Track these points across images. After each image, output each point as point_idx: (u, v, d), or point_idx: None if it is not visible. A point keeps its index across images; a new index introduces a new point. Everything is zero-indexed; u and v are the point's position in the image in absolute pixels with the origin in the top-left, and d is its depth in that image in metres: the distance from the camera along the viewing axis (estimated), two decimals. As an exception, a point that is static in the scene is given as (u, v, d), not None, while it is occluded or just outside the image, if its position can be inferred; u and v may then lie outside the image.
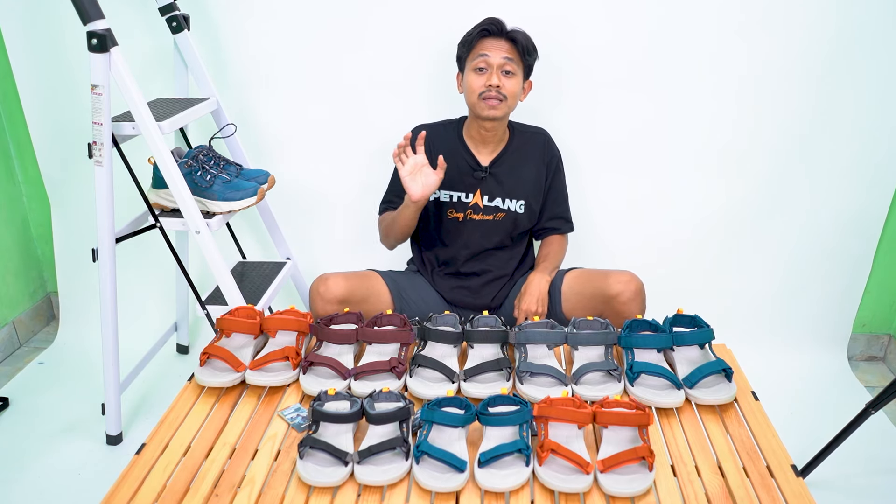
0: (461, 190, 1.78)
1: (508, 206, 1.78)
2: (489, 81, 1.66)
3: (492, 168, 1.78)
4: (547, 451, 1.16)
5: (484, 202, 1.78)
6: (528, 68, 1.73)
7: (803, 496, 1.11)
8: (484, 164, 1.78)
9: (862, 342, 2.36)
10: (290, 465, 1.20)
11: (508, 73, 1.68)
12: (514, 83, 1.69)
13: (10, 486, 1.77)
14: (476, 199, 1.78)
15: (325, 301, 1.69)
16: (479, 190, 1.78)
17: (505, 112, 1.70)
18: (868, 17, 1.91)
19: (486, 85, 1.67)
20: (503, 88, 1.67)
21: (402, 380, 1.40)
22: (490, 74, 1.67)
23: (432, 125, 1.83)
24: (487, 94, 1.67)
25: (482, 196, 1.78)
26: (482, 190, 1.78)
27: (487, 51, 1.67)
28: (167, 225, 1.77)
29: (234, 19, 2.05)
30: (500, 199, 1.78)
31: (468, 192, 1.78)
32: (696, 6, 1.94)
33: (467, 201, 1.78)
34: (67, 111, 2.17)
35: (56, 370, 2.27)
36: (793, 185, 2.13)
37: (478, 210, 1.79)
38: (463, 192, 1.78)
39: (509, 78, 1.68)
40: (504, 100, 1.68)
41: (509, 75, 1.68)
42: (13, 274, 2.41)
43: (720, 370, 1.37)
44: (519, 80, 1.70)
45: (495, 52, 1.66)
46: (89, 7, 1.52)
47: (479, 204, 1.78)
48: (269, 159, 2.20)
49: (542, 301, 1.73)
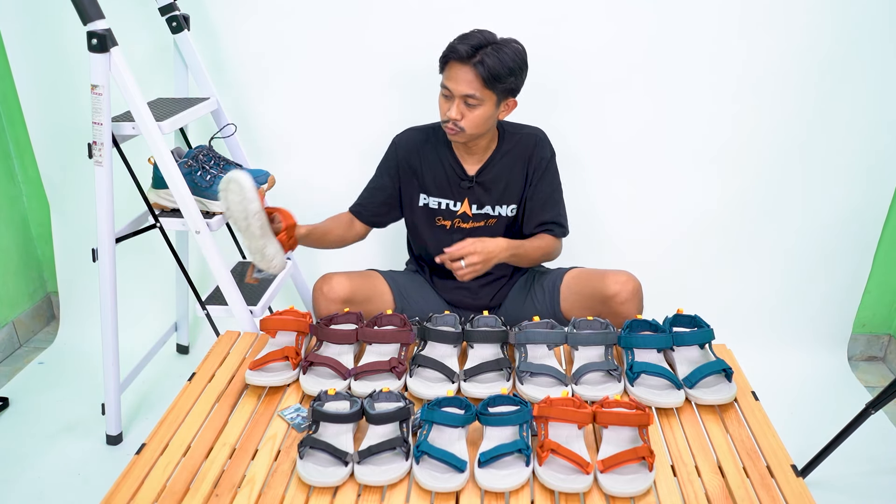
0: (449, 198, 1.76)
1: (499, 213, 1.76)
2: (449, 112, 1.59)
3: (478, 177, 1.73)
4: (547, 451, 1.16)
5: (473, 211, 1.76)
6: (505, 91, 1.59)
7: (803, 496, 1.11)
8: (470, 173, 1.73)
9: (862, 342, 2.36)
10: (290, 465, 1.20)
11: (471, 105, 1.58)
12: (477, 114, 1.58)
13: (10, 486, 1.78)
14: (464, 209, 1.76)
15: (328, 301, 1.69)
16: (466, 199, 1.75)
17: (467, 138, 1.64)
18: (867, 17, 1.92)
19: (447, 115, 1.60)
20: (462, 121, 1.59)
21: (402, 380, 1.40)
22: (452, 103, 1.59)
23: (421, 129, 1.79)
24: (446, 123, 1.62)
25: (470, 205, 1.75)
26: (470, 199, 1.75)
27: (451, 79, 1.57)
28: (167, 225, 1.77)
29: (234, 19, 2.05)
30: (489, 207, 1.75)
31: (456, 200, 1.76)
32: (696, 7, 1.95)
33: (455, 210, 1.76)
34: (67, 111, 2.17)
35: (56, 370, 2.27)
36: (793, 185, 2.13)
37: (467, 219, 1.76)
38: (451, 199, 1.76)
39: (472, 109, 1.58)
40: (462, 131, 1.61)
41: (472, 107, 1.58)
42: (13, 274, 2.41)
43: (720, 370, 1.37)
44: (486, 107, 1.58)
45: (458, 83, 1.56)
46: (89, 7, 1.52)
47: (468, 213, 1.76)
48: (269, 159, 2.20)
49: (483, 259, 1.58)
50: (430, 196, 1.77)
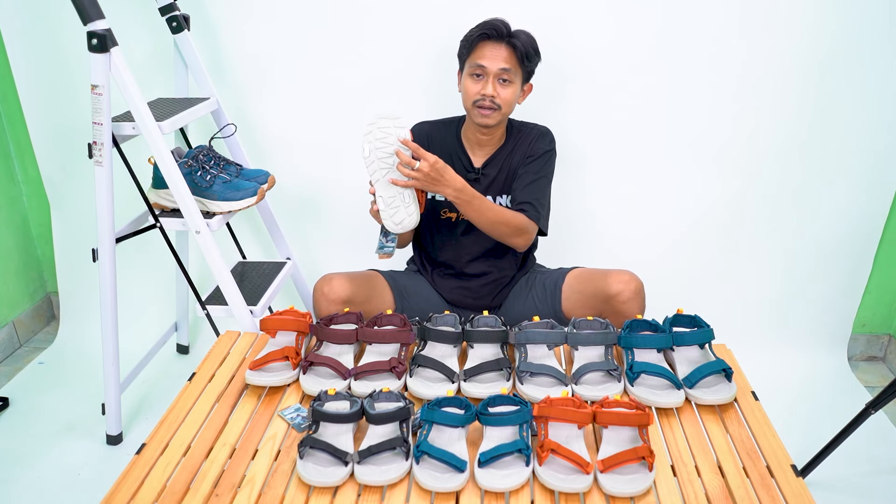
0: None
1: (500, 203, 1.77)
2: (484, 90, 1.63)
3: (483, 170, 1.76)
4: (547, 451, 1.16)
5: None
6: (528, 73, 1.69)
7: (803, 496, 1.11)
8: (477, 165, 1.77)
9: (862, 342, 2.36)
10: (290, 465, 1.20)
11: (505, 82, 1.64)
12: (510, 91, 1.65)
13: (10, 486, 1.78)
14: None
15: (329, 301, 1.69)
16: None
17: (499, 120, 1.68)
18: (867, 17, 1.92)
19: (481, 93, 1.63)
20: (498, 98, 1.63)
21: (402, 380, 1.40)
22: (486, 82, 1.63)
23: (435, 122, 1.82)
24: (482, 102, 1.64)
25: None
26: None
27: (485, 57, 1.62)
28: (167, 225, 1.77)
29: (234, 19, 2.05)
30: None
31: None
32: (696, 7, 1.95)
33: None
34: (67, 111, 2.17)
35: (56, 370, 2.27)
36: (793, 185, 2.13)
37: None
38: None
39: (505, 87, 1.64)
40: (498, 109, 1.65)
41: (506, 84, 1.64)
42: (13, 274, 2.41)
43: (720, 370, 1.37)
44: (516, 87, 1.66)
45: (493, 59, 1.62)
46: (89, 7, 1.52)
47: None
48: (269, 159, 2.20)
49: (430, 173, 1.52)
50: None
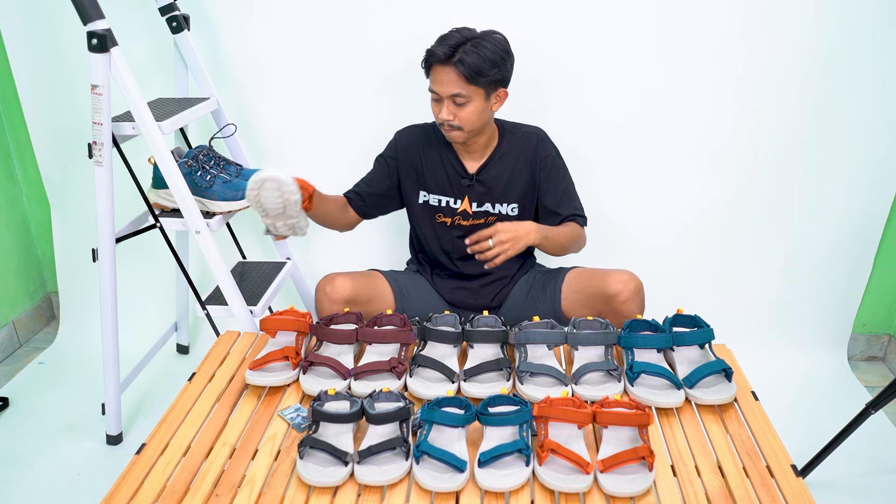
0: (450, 195, 1.76)
1: (500, 210, 1.76)
2: (440, 114, 1.62)
3: (478, 175, 1.74)
4: (547, 451, 1.16)
5: (473, 208, 1.76)
6: (491, 83, 1.60)
7: (803, 496, 1.11)
8: (471, 171, 1.75)
9: (862, 342, 2.36)
10: (290, 465, 1.20)
11: (460, 104, 1.60)
12: (468, 111, 1.60)
13: (10, 486, 1.78)
14: (464, 206, 1.76)
15: (331, 301, 1.69)
16: (466, 197, 1.76)
17: (466, 137, 1.66)
18: (867, 17, 1.91)
19: (439, 117, 1.63)
20: (455, 120, 1.61)
21: (402, 380, 1.40)
22: (442, 106, 1.61)
23: (423, 126, 1.81)
24: (441, 126, 1.65)
25: (470, 203, 1.76)
26: (470, 197, 1.76)
27: (436, 82, 1.60)
28: (167, 225, 1.77)
29: (234, 19, 2.05)
30: (489, 205, 1.76)
31: (456, 198, 1.76)
32: (696, 7, 1.94)
33: (455, 207, 1.77)
34: (67, 111, 2.17)
35: (56, 370, 2.27)
36: (793, 185, 2.13)
37: (466, 216, 1.77)
38: (451, 197, 1.76)
39: (462, 108, 1.60)
40: (460, 129, 1.63)
41: (462, 105, 1.60)
42: (13, 274, 2.41)
43: (720, 370, 1.37)
44: (476, 103, 1.60)
45: (442, 84, 1.59)
46: (89, 7, 1.52)
47: (469, 210, 1.76)
48: (269, 159, 2.20)
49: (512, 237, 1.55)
50: (429, 193, 1.77)
